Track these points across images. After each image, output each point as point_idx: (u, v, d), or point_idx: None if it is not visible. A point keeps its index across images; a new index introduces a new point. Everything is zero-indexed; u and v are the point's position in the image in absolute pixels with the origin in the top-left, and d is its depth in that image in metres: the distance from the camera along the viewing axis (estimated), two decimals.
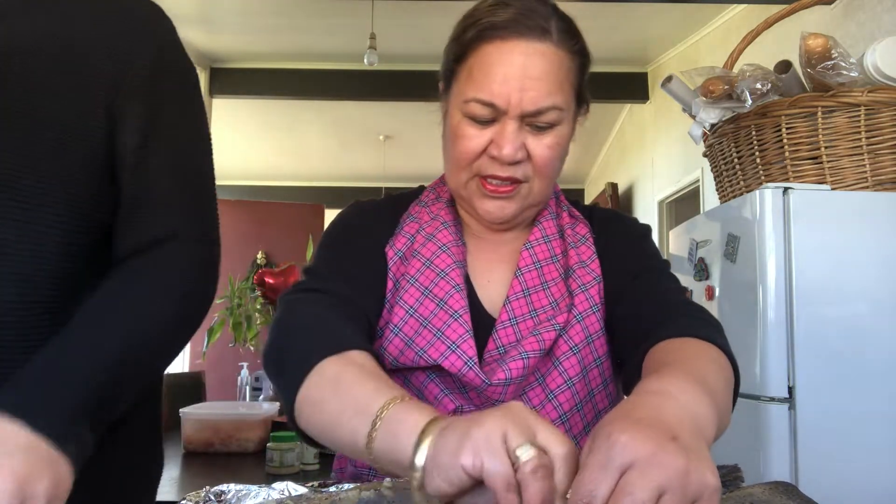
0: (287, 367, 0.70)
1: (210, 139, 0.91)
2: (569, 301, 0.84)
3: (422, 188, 0.98)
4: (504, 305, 0.85)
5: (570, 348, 0.82)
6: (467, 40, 0.82)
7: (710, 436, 0.53)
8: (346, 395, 0.63)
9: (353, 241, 0.89)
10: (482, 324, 0.84)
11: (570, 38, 0.82)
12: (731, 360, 0.70)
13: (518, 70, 0.78)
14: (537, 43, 0.79)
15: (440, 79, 0.89)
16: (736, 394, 0.70)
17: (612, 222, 0.94)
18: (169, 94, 0.84)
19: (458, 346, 0.79)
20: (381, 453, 0.56)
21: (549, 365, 0.82)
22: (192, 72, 0.89)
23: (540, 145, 0.81)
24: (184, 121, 0.87)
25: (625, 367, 0.80)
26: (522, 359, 0.79)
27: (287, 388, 0.69)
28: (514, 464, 0.47)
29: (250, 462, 1.96)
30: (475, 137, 0.82)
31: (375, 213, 0.93)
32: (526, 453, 0.47)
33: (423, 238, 0.88)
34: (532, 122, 0.80)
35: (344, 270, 0.85)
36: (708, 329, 0.72)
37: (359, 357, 0.68)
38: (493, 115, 0.80)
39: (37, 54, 0.76)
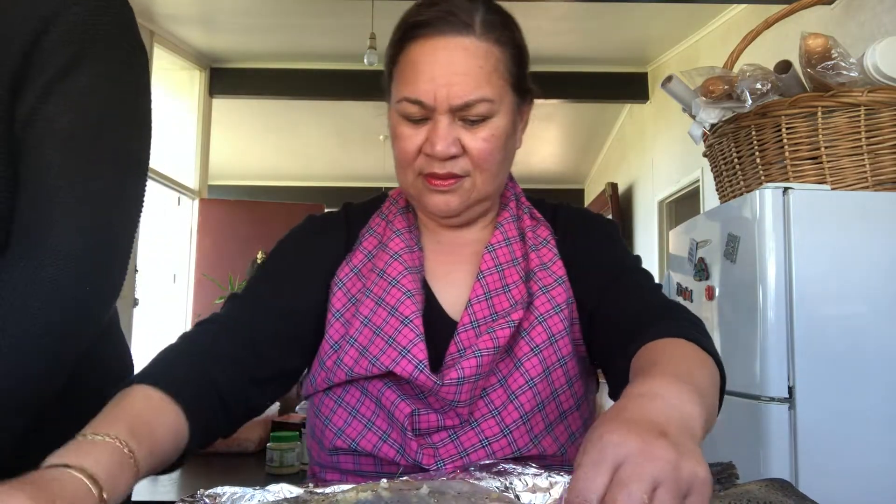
0: None
1: (144, 121, 0.78)
2: (527, 301, 0.85)
3: (385, 195, 0.98)
4: (466, 309, 0.85)
5: (532, 349, 0.82)
6: (396, 42, 0.85)
7: (699, 433, 0.54)
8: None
9: (291, 259, 0.91)
10: (443, 327, 0.85)
11: (495, 29, 0.83)
12: (716, 359, 0.70)
13: (442, 66, 0.80)
14: (459, 38, 0.81)
15: (384, 84, 0.91)
16: (722, 392, 0.70)
17: (578, 223, 0.94)
18: (93, 54, 0.69)
19: (408, 351, 0.80)
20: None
21: (510, 366, 0.82)
22: (132, 44, 0.76)
23: (475, 139, 0.82)
24: (103, 89, 0.71)
25: (611, 371, 0.80)
26: (476, 356, 0.80)
27: None
28: None
29: (250, 462, 1.95)
30: (411, 137, 0.84)
31: (324, 229, 0.94)
32: None
33: (379, 251, 0.90)
34: (463, 115, 0.81)
35: (264, 292, 0.87)
36: (691, 329, 0.72)
37: (135, 390, 0.67)
38: (424, 113, 0.82)
39: None
